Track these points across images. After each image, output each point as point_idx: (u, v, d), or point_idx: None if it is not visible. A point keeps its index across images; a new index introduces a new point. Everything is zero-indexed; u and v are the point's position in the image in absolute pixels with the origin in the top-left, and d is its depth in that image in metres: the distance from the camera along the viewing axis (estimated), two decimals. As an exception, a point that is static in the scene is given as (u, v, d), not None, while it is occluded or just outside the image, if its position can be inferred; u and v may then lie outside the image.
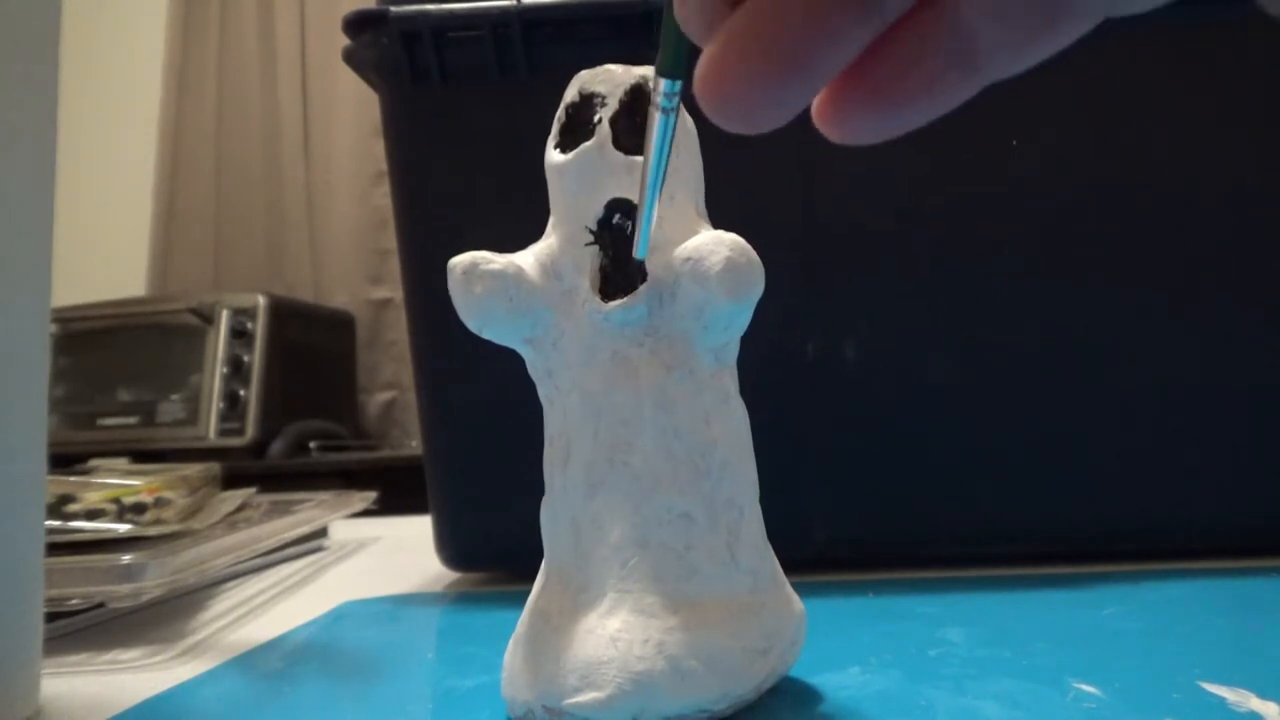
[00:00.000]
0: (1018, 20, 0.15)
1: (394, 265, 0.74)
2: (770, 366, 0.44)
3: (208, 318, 1.55)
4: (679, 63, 0.18)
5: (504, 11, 0.44)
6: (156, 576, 0.38)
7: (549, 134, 0.27)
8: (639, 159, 0.26)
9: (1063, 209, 0.45)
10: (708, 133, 0.27)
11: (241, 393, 1.52)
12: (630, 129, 0.26)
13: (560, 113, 0.27)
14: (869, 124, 0.16)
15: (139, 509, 0.48)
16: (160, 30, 2.09)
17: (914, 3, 0.16)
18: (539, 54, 0.45)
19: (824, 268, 0.45)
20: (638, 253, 0.23)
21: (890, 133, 0.17)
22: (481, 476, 0.47)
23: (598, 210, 0.26)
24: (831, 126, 0.17)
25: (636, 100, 0.26)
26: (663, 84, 0.19)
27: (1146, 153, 0.44)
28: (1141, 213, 0.44)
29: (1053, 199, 0.45)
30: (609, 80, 0.27)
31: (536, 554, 0.28)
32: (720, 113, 0.16)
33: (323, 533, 0.62)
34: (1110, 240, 0.44)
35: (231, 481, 0.60)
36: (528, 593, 0.27)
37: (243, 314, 1.55)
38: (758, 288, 0.24)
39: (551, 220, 0.28)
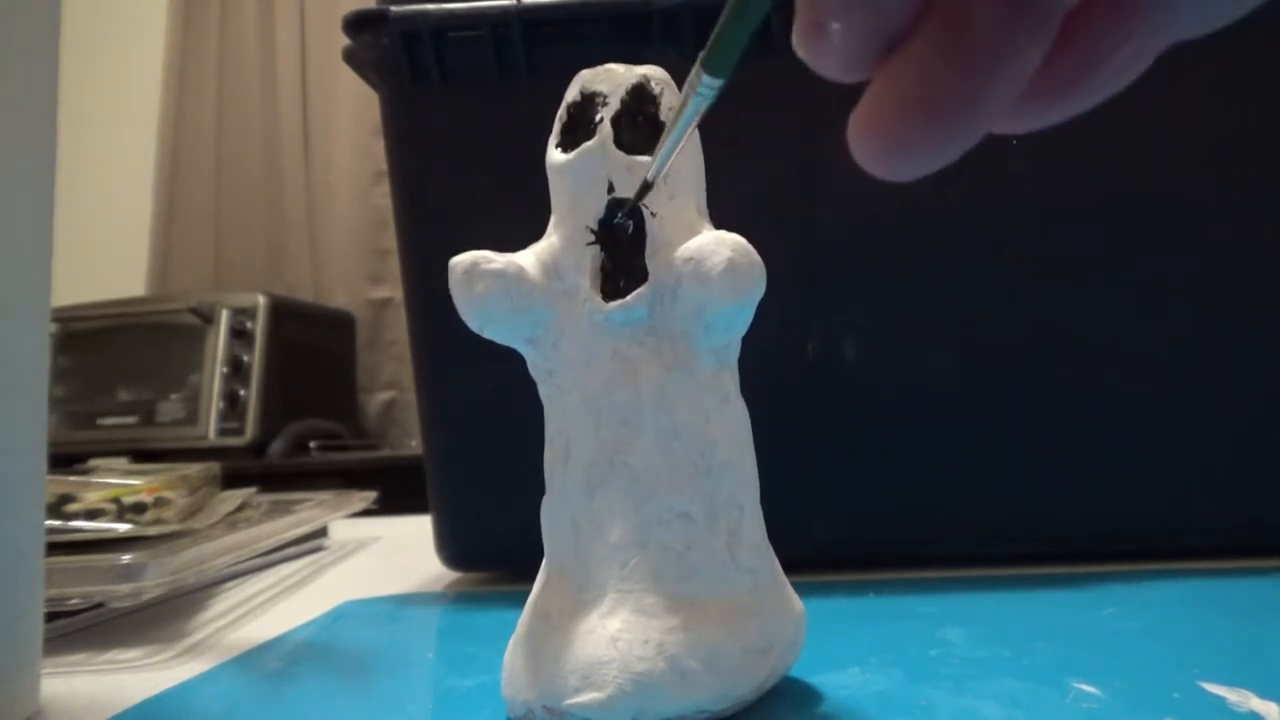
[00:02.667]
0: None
1: (394, 265, 0.74)
2: (770, 366, 0.44)
3: (208, 318, 1.55)
4: (729, 64, 0.17)
5: (504, 11, 0.44)
6: (156, 576, 0.38)
7: (549, 134, 0.27)
8: (640, 158, 0.26)
9: (1063, 208, 0.45)
10: (708, 133, 0.27)
11: (241, 392, 1.52)
12: (631, 128, 0.26)
13: (561, 112, 0.27)
14: (1052, 114, 0.15)
15: (139, 509, 0.48)
16: (160, 30, 2.09)
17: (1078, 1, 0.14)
18: (539, 54, 0.45)
19: (824, 268, 0.45)
20: (649, 175, 0.23)
21: (1074, 114, 0.15)
22: (481, 476, 0.47)
23: (599, 209, 0.26)
24: (1010, 125, 0.15)
25: (638, 100, 0.26)
26: (704, 75, 0.18)
27: (1147, 151, 0.44)
28: (1143, 212, 0.44)
29: (1053, 198, 0.45)
30: (610, 80, 0.27)
31: (536, 554, 0.28)
32: (889, 166, 0.15)
33: (323, 533, 0.62)
34: (1111, 239, 0.44)
35: (231, 481, 0.60)
36: (528, 593, 0.27)
37: (243, 314, 1.55)
38: (759, 288, 0.24)
39: (552, 220, 0.28)
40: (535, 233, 0.28)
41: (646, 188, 0.24)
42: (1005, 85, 0.14)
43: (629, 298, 0.25)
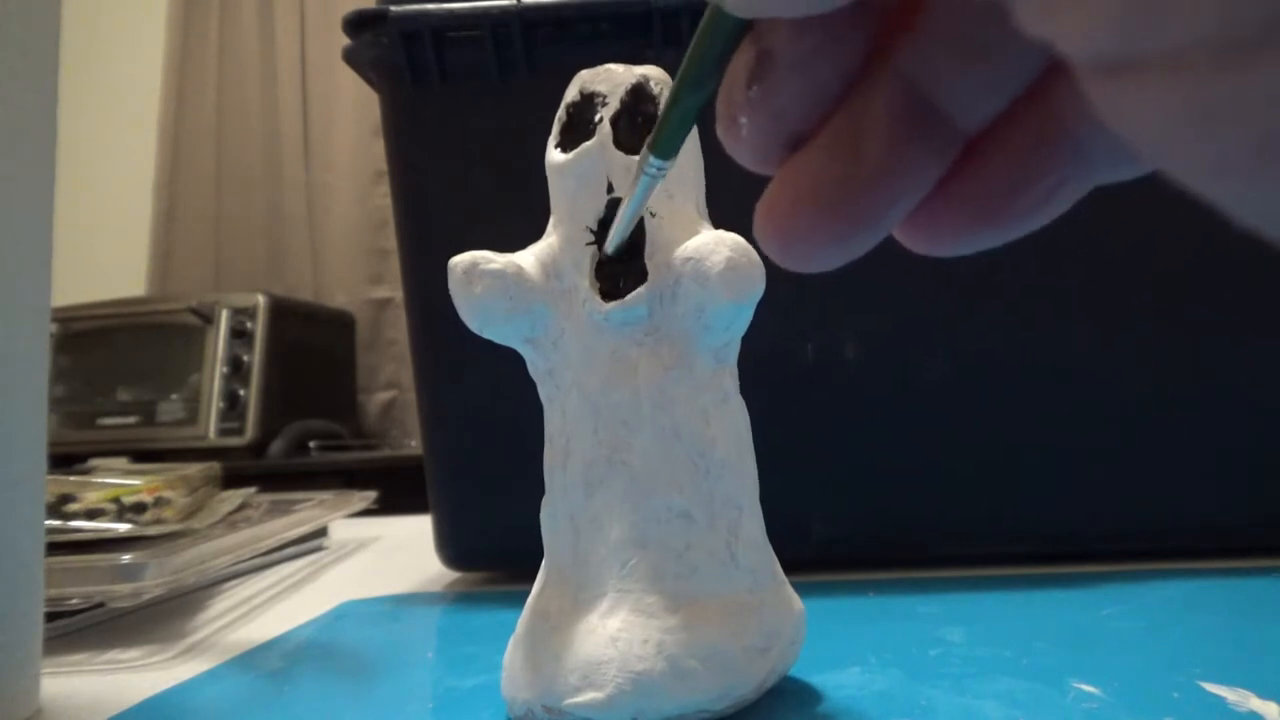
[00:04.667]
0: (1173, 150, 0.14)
1: (394, 265, 0.74)
2: (770, 366, 0.44)
3: (208, 318, 1.55)
4: (675, 147, 0.18)
5: (504, 11, 0.44)
6: (156, 576, 0.38)
7: (549, 134, 0.27)
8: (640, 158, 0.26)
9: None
10: (708, 133, 0.27)
11: (241, 392, 1.52)
12: (631, 128, 0.26)
13: (561, 112, 0.27)
14: (972, 241, 0.15)
15: (139, 508, 0.48)
16: (160, 30, 2.09)
17: (987, 124, 0.14)
18: (539, 54, 0.45)
19: (824, 268, 0.45)
20: (608, 248, 0.25)
21: (996, 244, 0.15)
22: (481, 476, 0.47)
23: (598, 210, 0.26)
24: (924, 246, 0.15)
25: (637, 99, 0.26)
26: (651, 158, 0.19)
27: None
28: (1144, 212, 0.44)
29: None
30: (610, 80, 0.27)
31: (536, 554, 0.28)
32: (784, 259, 0.15)
33: (323, 533, 0.62)
34: (1111, 238, 0.44)
35: (231, 481, 0.60)
36: (528, 593, 0.27)
37: (243, 314, 1.55)
38: (759, 288, 0.24)
39: (552, 220, 0.28)
40: (535, 233, 0.28)
41: (604, 258, 0.26)
42: (892, 200, 0.14)
43: (628, 298, 0.25)
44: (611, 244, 0.25)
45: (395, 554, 0.60)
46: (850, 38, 0.14)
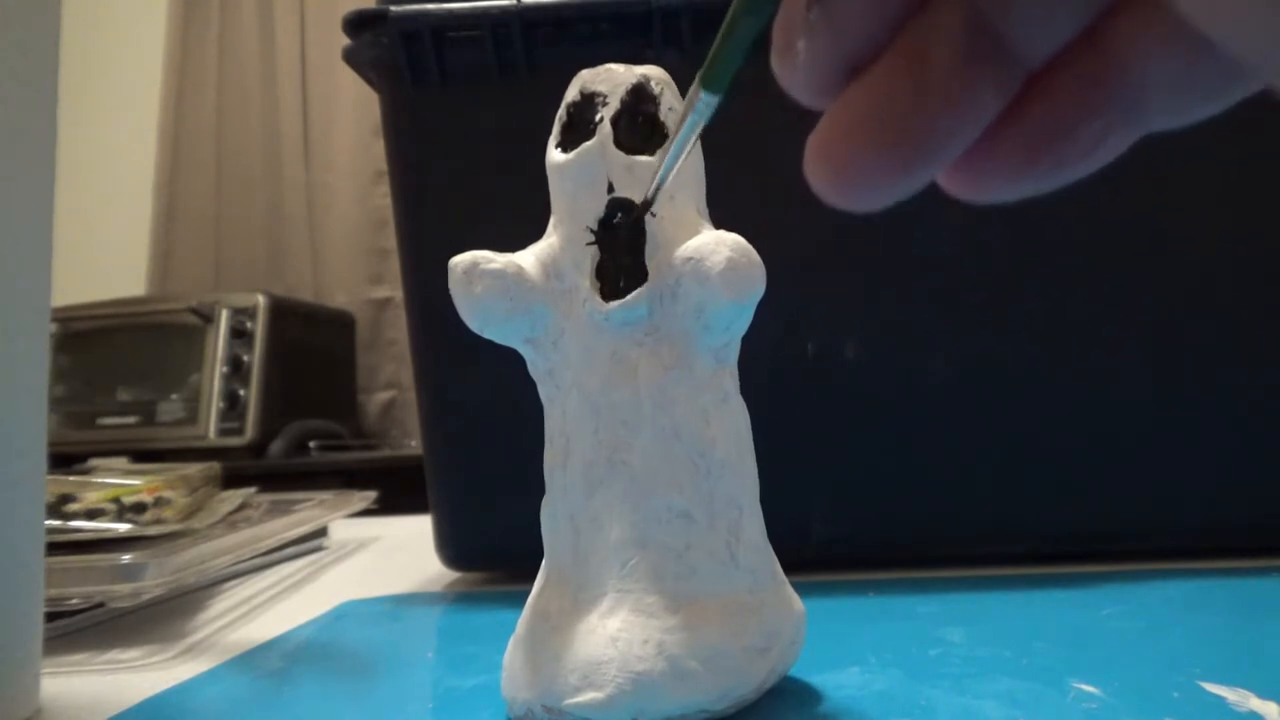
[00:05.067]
0: (1200, 91, 0.14)
1: (394, 265, 0.74)
2: (770, 366, 0.44)
3: (208, 317, 1.55)
4: (726, 80, 0.17)
5: (504, 11, 0.44)
6: (156, 576, 0.38)
7: (549, 134, 0.27)
8: (640, 159, 0.26)
9: (1064, 208, 0.45)
10: (708, 133, 0.27)
11: (241, 392, 1.52)
12: (631, 128, 0.26)
13: (561, 112, 0.27)
14: (1018, 186, 0.15)
15: (139, 508, 0.48)
16: (160, 30, 2.09)
17: (1048, 59, 0.14)
18: (539, 54, 0.45)
19: (824, 268, 0.45)
20: (648, 194, 0.24)
21: (1042, 191, 0.15)
22: (481, 476, 0.47)
23: (598, 209, 0.26)
24: (969, 189, 0.15)
25: (638, 99, 0.26)
26: (702, 92, 0.18)
27: (1147, 150, 0.44)
28: (1145, 211, 0.44)
29: (1053, 197, 0.45)
30: (610, 79, 0.27)
31: (536, 554, 0.28)
32: (838, 193, 0.15)
33: (323, 533, 0.62)
34: (1112, 238, 0.44)
35: (231, 481, 0.60)
36: (528, 593, 0.27)
37: (243, 314, 1.55)
38: (759, 288, 0.24)
39: (552, 219, 0.28)
40: (535, 233, 0.28)
41: (647, 205, 0.25)
42: (956, 128, 0.14)
43: (629, 297, 0.25)
44: (652, 188, 0.24)
45: (395, 554, 0.60)
46: None
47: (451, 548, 0.48)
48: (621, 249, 0.26)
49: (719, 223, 0.27)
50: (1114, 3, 0.13)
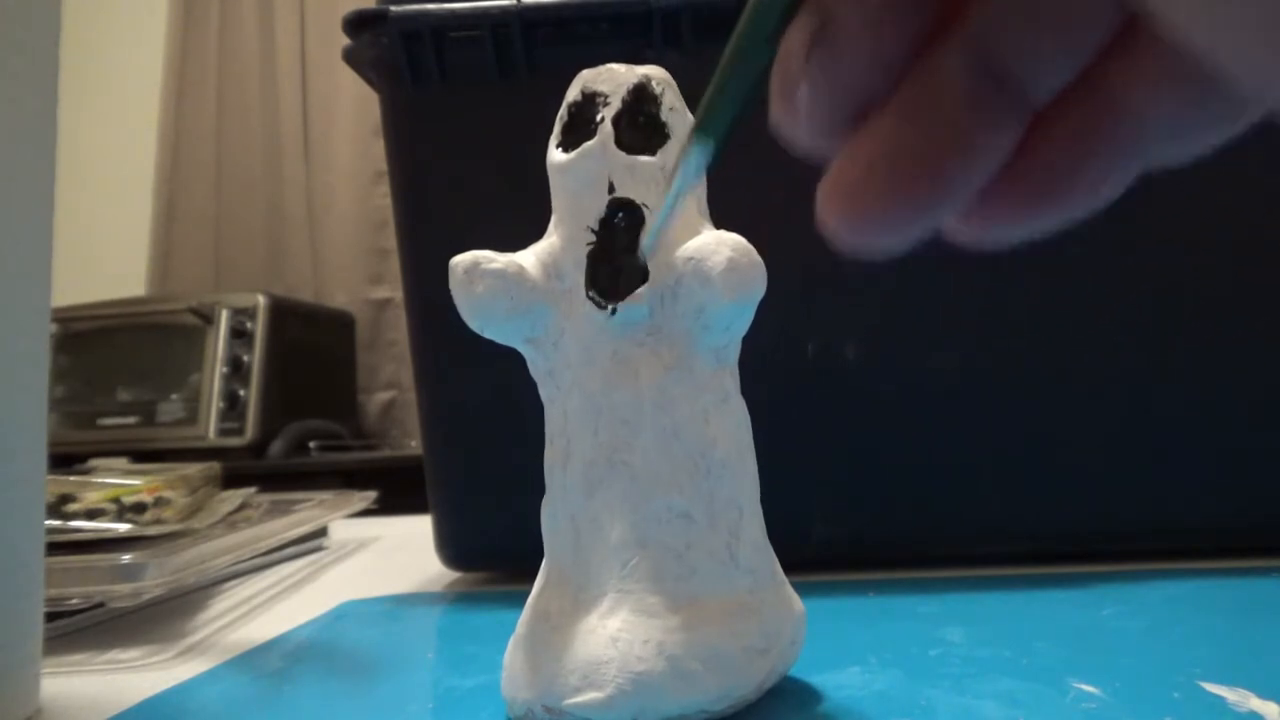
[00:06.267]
0: (1199, 126, 0.14)
1: (394, 265, 0.74)
2: (770, 366, 0.44)
3: (208, 318, 1.55)
4: (722, 131, 0.17)
5: (504, 11, 0.44)
6: (156, 576, 0.38)
7: (549, 134, 0.27)
8: (641, 159, 0.26)
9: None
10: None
11: (241, 393, 1.52)
12: (632, 128, 0.26)
13: (562, 112, 0.27)
14: (1022, 228, 0.15)
15: (139, 508, 0.48)
16: (160, 30, 2.09)
17: (1055, 95, 0.14)
18: (539, 54, 0.45)
19: (824, 268, 0.45)
20: (643, 246, 0.24)
21: (1044, 233, 0.15)
22: (481, 476, 0.47)
23: (599, 209, 0.26)
24: (974, 234, 0.15)
25: (639, 99, 0.26)
26: (696, 145, 0.17)
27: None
28: (1145, 211, 0.44)
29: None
30: (611, 79, 0.27)
31: (536, 554, 0.28)
32: (856, 239, 0.14)
33: (323, 533, 0.62)
34: (1112, 237, 0.44)
35: (231, 481, 0.60)
36: (528, 593, 0.27)
37: (243, 314, 1.55)
38: (759, 288, 0.24)
39: (553, 219, 0.28)
40: (535, 233, 0.28)
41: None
42: (968, 170, 0.14)
43: (630, 298, 0.25)
44: (647, 240, 0.24)
45: (395, 554, 0.60)
46: (916, 1, 0.13)
47: (451, 548, 0.48)
48: (622, 249, 0.26)
49: (719, 223, 0.27)
50: (1112, 42, 0.13)
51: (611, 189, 0.26)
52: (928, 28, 0.14)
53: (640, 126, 0.26)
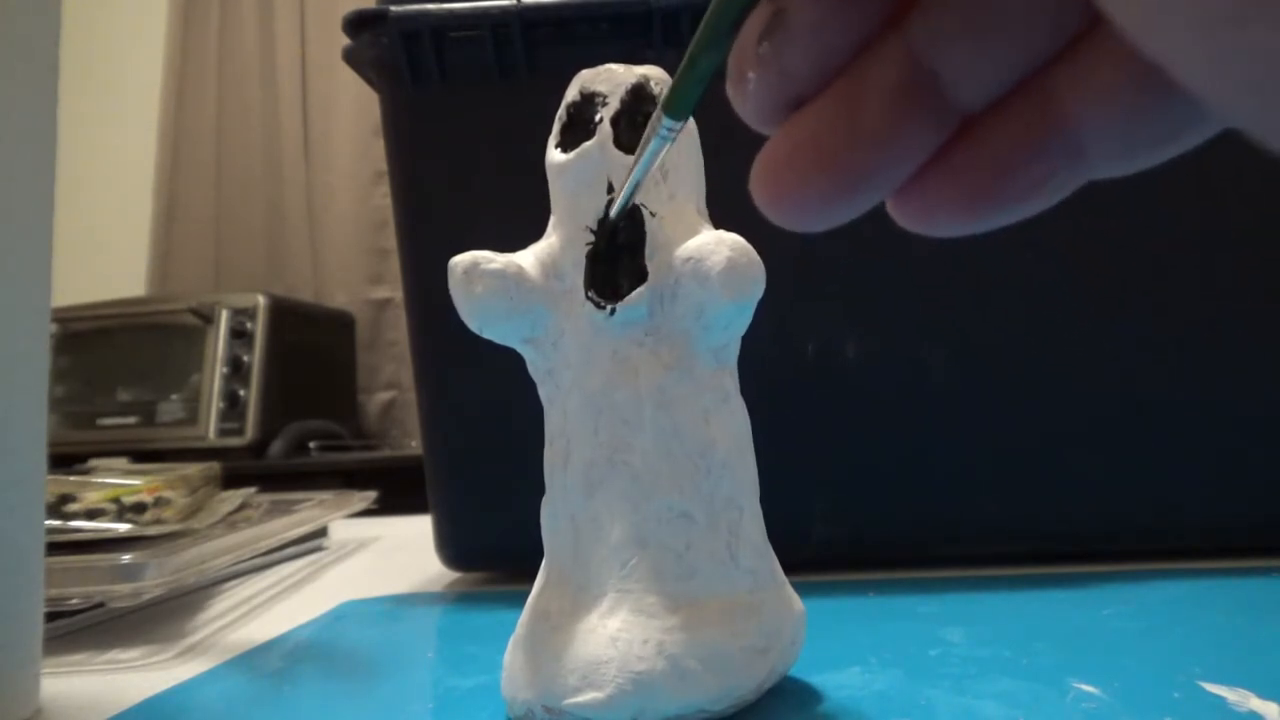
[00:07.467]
0: (1142, 143, 0.14)
1: (394, 265, 0.74)
2: (770, 366, 0.44)
3: (208, 318, 1.55)
4: (688, 107, 0.18)
5: (504, 11, 0.44)
6: (156, 576, 0.38)
7: (549, 134, 0.27)
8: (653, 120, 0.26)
9: (1063, 208, 0.45)
10: (709, 132, 0.27)
11: (241, 393, 1.52)
12: (631, 128, 0.26)
13: (561, 112, 0.27)
14: (963, 223, 0.15)
15: (139, 508, 0.48)
16: (160, 30, 2.09)
17: (990, 102, 0.14)
18: (539, 54, 0.45)
19: (824, 268, 0.45)
20: (612, 212, 0.25)
21: (988, 228, 0.15)
22: (481, 476, 0.47)
23: (598, 209, 0.26)
24: (915, 224, 0.16)
25: (638, 99, 0.26)
26: (664, 118, 0.19)
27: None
28: (1146, 211, 0.44)
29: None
30: (610, 79, 0.27)
31: (536, 554, 0.28)
32: (775, 214, 0.15)
33: (323, 533, 0.62)
34: (1112, 238, 0.44)
35: (231, 481, 0.60)
36: (528, 593, 0.27)
37: (243, 314, 1.55)
38: (759, 288, 0.24)
39: (552, 220, 0.28)
40: (535, 233, 0.28)
41: (613, 223, 0.26)
42: (884, 164, 0.15)
43: (629, 298, 0.25)
44: (616, 208, 0.25)
45: (395, 554, 0.60)
46: (865, 4, 0.14)
47: (451, 548, 0.48)
48: (621, 249, 0.26)
49: (719, 223, 0.27)
50: (1055, 54, 0.14)
51: (610, 189, 0.26)
52: (874, 29, 0.14)
53: (639, 126, 0.26)
